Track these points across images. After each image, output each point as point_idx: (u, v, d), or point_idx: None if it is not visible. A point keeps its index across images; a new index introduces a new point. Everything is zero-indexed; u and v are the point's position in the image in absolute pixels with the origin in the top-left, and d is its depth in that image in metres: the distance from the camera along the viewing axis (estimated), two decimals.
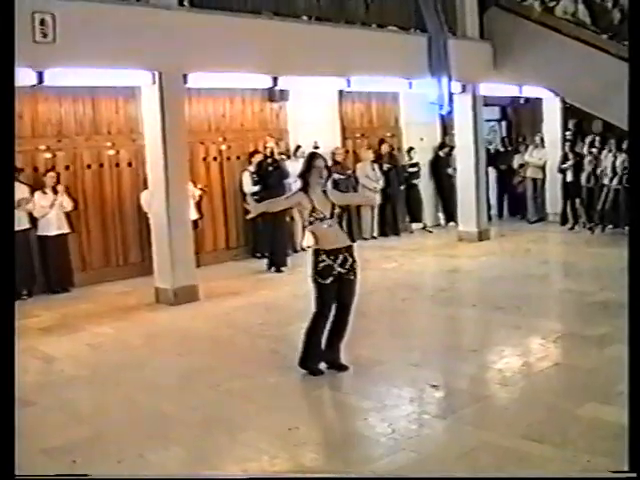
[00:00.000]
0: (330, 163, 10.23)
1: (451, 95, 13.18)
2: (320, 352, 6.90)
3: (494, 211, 17.17)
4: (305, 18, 11.83)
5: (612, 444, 5.11)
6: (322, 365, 6.93)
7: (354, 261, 6.80)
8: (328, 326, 6.85)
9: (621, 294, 9.42)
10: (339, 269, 6.67)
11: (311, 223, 6.72)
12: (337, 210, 6.83)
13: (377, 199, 14.23)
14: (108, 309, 9.93)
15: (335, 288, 6.71)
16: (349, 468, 5.03)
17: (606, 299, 9.28)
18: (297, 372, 6.94)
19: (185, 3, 10.32)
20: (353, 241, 7.25)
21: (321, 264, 6.64)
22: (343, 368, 6.94)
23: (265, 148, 12.37)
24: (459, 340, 8.41)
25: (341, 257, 6.69)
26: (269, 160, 12.11)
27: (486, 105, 15.34)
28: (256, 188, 12.40)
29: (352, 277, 6.78)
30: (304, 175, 6.79)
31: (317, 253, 6.70)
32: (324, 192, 6.82)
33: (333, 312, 6.83)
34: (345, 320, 6.88)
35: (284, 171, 12.01)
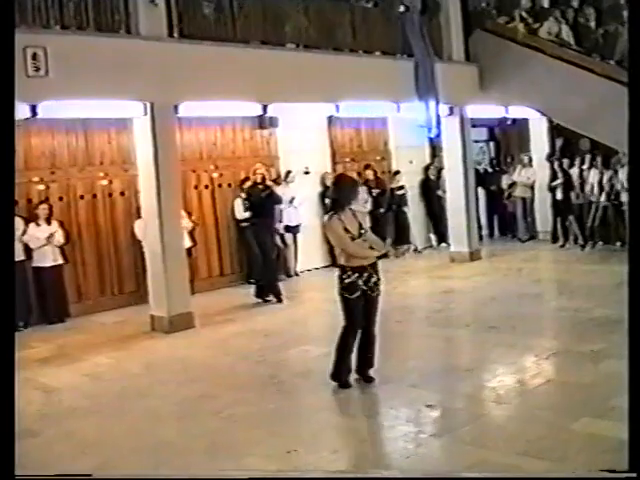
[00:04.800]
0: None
1: (439, 118, 13.32)
2: (350, 365, 7.12)
3: (485, 231, 17.33)
4: (293, 46, 11.99)
5: (611, 457, 5.19)
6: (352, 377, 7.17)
7: (378, 278, 7.05)
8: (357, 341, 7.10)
9: (615, 310, 9.56)
10: (363, 286, 6.91)
11: None
12: (363, 230, 7.06)
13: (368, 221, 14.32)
14: (105, 339, 9.96)
15: (361, 302, 6.95)
16: None
17: (600, 315, 9.37)
18: (297, 397, 7.10)
19: (175, 34, 10.44)
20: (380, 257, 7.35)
21: (346, 280, 6.90)
22: (369, 380, 7.17)
23: (255, 174, 12.10)
24: (455, 360, 8.49)
25: (366, 274, 6.94)
26: (260, 186, 11.84)
27: (474, 126, 15.51)
28: (247, 214, 12.50)
29: (376, 294, 7.04)
30: (340, 199, 7.01)
31: (343, 270, 6.95)
32: (352, 212, 7.07)
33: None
34: (371, 334, 7.13)
35: (277, 197, 12.00)
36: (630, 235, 3.69)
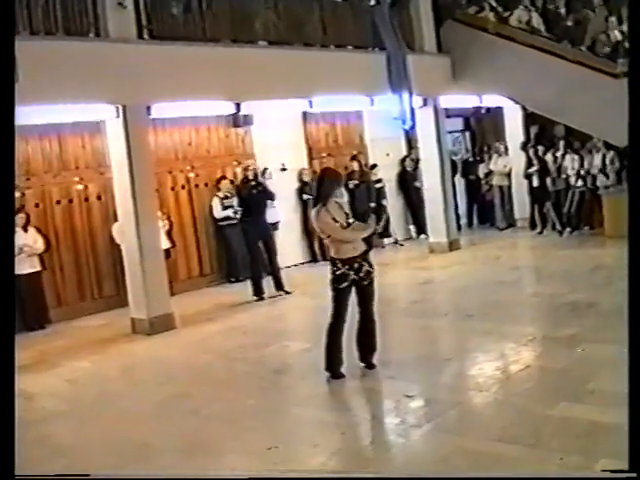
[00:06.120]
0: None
1: (412, 110, 13.35)
2: (341, 355, 7.20)
3: (464, 220, 17.40)
4: (264, 43, 11.99)
5: (584, 441, 5.26)
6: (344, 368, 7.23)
7: (370, 267, 7.15)
8: (357, 329, 7.26)
9: (589, 294, 9.71)
10: (354, 276, 7.02)
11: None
12: (351, 220, 7.21)
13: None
14: (85, 343, 9.93)
15: (350, 292, 7.08)
16: None
17: (575, 300, 9.45)
18: (276, 392, 7.12)
19: (145, 35, 10.42)
20: (370, 247, 7.44)
21: (337, 272, 7.03)
22: (371, 367, 7.29)
23: (247, 170, 12.22)
24: (433, 350, 8.51)
25: (356, 265, 7.04)
26: (252, 183, 11.88)
27: (449, 117, 15.57)
28: (225, 213, 12.56)
29: (367, 282, 7.12)
30: (324, 191, 7.11)
31: (334, 262, 7.08)
32: (338, 204, 7.23)
33: (357, 316, 7.24)
34: (368, 321, 7.25)
35: (269, 193, 11.99)
36: (629, 230, 3.73)
